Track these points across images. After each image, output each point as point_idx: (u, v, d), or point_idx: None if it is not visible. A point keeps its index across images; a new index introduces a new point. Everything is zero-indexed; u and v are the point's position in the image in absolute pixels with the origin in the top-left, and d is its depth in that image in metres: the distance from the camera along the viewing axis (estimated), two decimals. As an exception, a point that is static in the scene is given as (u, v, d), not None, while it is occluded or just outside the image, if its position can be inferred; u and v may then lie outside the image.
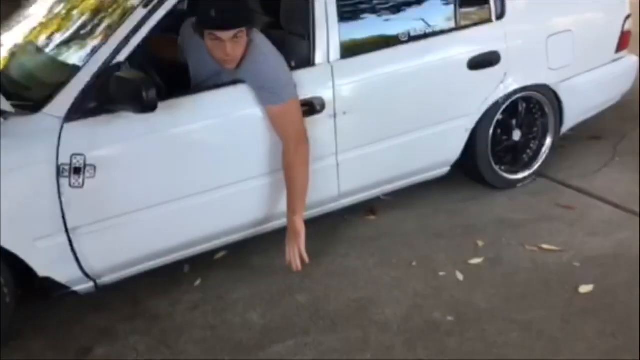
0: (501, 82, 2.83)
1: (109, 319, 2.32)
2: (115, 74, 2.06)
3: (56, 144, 2.02)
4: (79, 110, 2.07)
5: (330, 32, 2.46)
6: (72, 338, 2.24)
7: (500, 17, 2.82)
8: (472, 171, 3.07)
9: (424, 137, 2.76)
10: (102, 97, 2.08)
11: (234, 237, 2.51)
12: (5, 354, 2.13)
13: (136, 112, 2.02)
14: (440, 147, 2.86)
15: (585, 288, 2.33)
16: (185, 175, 2.27)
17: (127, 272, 2.31)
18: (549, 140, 3.13)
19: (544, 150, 3.15)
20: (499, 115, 2.94)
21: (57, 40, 2.49)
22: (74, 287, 2.22)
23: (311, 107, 2.42)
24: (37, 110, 2.07)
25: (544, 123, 3.11)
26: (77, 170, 2.06)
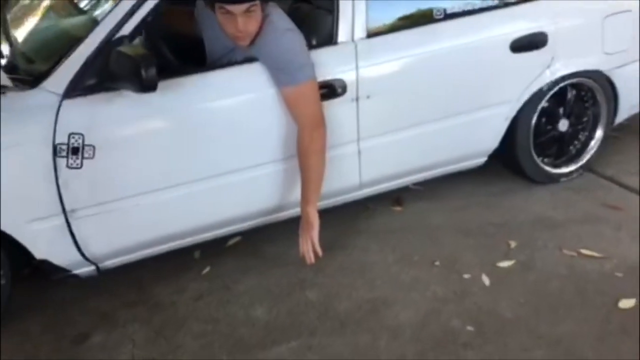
0: (547, 67, 2.56)
1: (110, 304, 2.24)
2: (116, 49, 1.92)
3: (53, 121, 1.91)
4: (79, 86, 1.95)
5: (356, 7, 2.25)
6: (70, 322, 2.16)
7: (550, -7, 2.53)
8: (510, 162, 2.83)
9: (458, 125, 2.53)
10: (102, 74, 1.95)
11: (244, 225, 2.37)
12: (3, 336, 2.07)
13: (135, 91, 1.88)
14: (476, 136, 2.63)
15: (627, 303, 2.09)
16: (191, 160, 2.13)
17: (130, 257, 2.21)
18: (599, 131, 2.85)
19: (594, 143, 2.87)
20: (544, 103, 2.68)
21: (69, 11, 2.38)
22: (75, 271, 2.13)
23: (331, 90, 2.23)
24: (36, 85, 1.95)
25: (595, 113, 2.82)
26: (75, 150, 1.95)
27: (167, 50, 2.31)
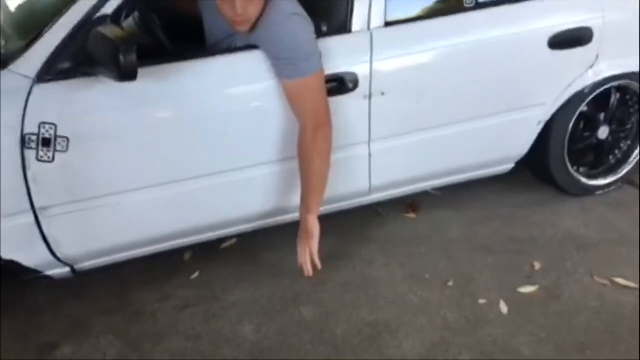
0: (591, 66, 2.26)
1: (87, 310, 2.04)
2: (95, 29, 1.69)
3: (22, 108, 1.70)
4: (53, 70, 1.73)
5: (374, -9, 1.99)
6: (41, 329, 1.98)
7: (598, -17, 2.22)
8: (540, 171, 2.55)
9: (484, 128, 2.26)
10: (80, 57, 1.73)
11: (239, 229, 2.15)
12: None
13: (113, 79, 1.65)
14: (504, 141, 2.35)
15: (666, 347, 1.82)
16: (178, 157, 1.90)
17: (108, 259, 2.01)
18: (644, 141, 2.55)
19: (637, 153, 2.57)
20: (583, 107, 2.38)
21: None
22: (47, 272, 1.93)
23: (341, 84, 1.97)
24: (5, 67, 1.74)
25: (642, 120, 2.52)
26: (47, 141, 1.73)
27: (162, 33, 2.06)
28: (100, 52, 1.66)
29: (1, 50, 1.96)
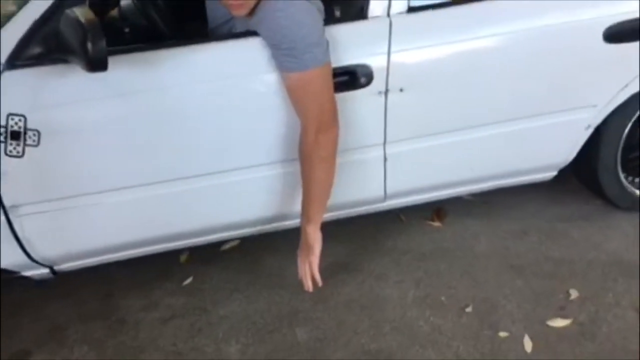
0: (653, 63, 1.92)
1: (67, 314, 1.90)
2: (67, 10, 1.49)
3: (-12, 98, 1.53)
4: (22, 55, 1.55)
5: (396, -28, 1.71)
6: (15, 334, 1.84)
7: (666, -35, 1.86)
8: (588, 180, 2.24)
9: (523, 131, 1.96)
10: (51, 41, 1.54)
11: (234, 234, 1.96)
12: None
13: (83, 69, 1.45)
14: (545, 146, 2.04)
15: None
16: (162, 155, 1.70)
17: (91, 261, 1.85)
18: None
19: None
20: (641, 110, 2.05)
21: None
22: (24, 272, 1.79)
23: (352, 78, 1.72)
24: (-29, 51, 1.57)
25: None
26: (16, 134, 1.57)
27: (157, 16, 1.86)
28: (71, 37, 1.46)
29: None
